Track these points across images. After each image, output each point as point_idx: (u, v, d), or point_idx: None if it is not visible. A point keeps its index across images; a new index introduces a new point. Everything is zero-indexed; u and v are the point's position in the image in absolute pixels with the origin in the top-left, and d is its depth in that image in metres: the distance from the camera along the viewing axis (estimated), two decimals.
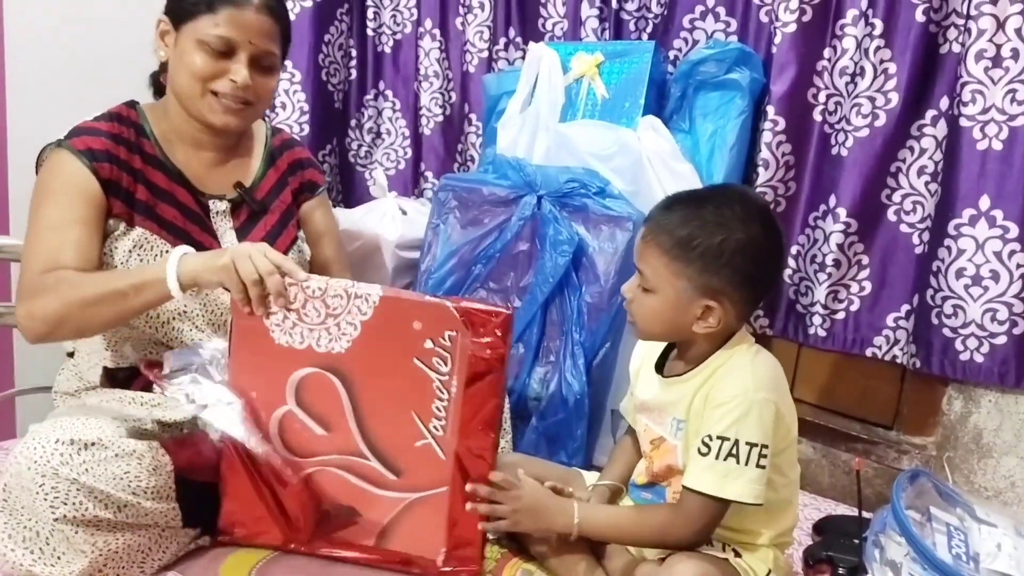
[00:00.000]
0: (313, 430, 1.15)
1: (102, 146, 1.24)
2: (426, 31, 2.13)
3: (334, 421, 1.15)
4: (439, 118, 2.16)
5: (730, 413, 1.07)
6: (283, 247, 1.38)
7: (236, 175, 1.37)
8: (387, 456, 1.16)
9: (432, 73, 2.13)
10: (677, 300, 1.09)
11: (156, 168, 1.30)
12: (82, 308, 1.13)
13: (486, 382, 1.12)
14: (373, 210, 1.92)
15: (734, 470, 1.06)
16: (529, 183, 1.71)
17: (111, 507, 1.06)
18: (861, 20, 1.59)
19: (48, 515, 1.03)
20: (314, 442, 1.16)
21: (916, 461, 1.67)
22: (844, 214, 1.64)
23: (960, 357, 1.55)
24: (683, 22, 1.81)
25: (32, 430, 1.10)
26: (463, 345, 1.11)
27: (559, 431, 1.62)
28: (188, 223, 1.30)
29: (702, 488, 1.07)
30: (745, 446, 1.06)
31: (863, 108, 1.60)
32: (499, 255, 1.72)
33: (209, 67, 1.24)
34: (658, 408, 1.18)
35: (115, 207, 1.24)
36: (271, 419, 1.15)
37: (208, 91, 1.26)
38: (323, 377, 1.13)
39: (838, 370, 1.80)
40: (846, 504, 1.67)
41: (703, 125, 1.71)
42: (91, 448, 1.06)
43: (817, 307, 1.71)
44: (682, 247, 1.08)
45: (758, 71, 1.70)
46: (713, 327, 1.10)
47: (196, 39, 1.24)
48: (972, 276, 1.51)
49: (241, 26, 1.24)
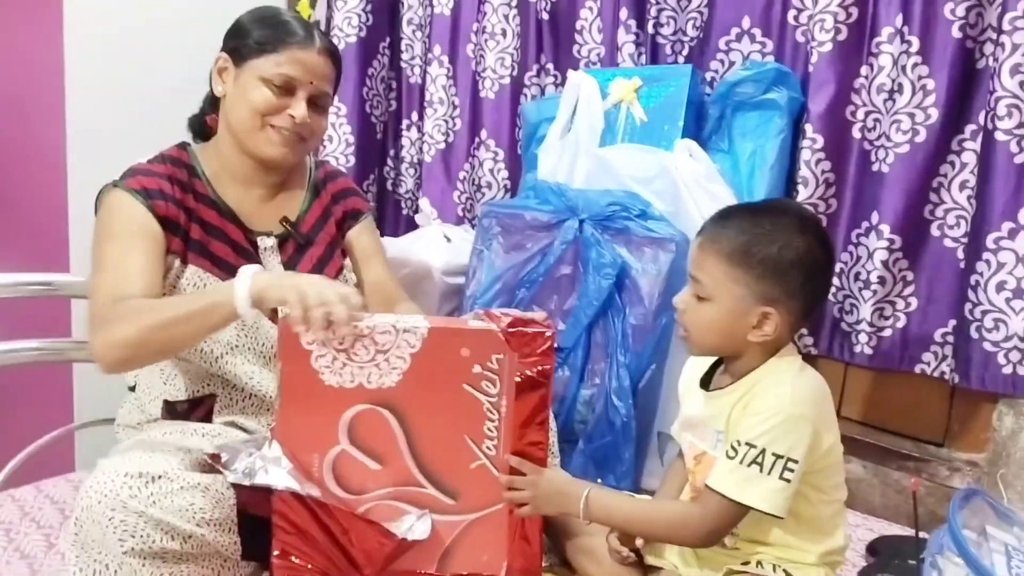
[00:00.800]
0: (368, 466, 1.16)
1: (157, 185, 1.28)
2: (435, 57, 2.16)
3: (388, 454, 1.16)
4: (440, 145, 2.18)
5: (763, 423, 1.07)
6: (330, 276, 1.41)
7: (283, 210, 1.41)
8: (443, 482, 1.17)
9: (437, 100, 2.16)
10: (734, 308, 1.10)
11: (208, 206, 1.34)
12: (159, 331, 1.14)
13: (534, 398, 1.15)
14: (419, 238, 1.96)
15: (755, 477, 1.06)
16: (571, 207, 1.73)
17: (177, 538, 1.08)
18: (897, 37, 1.60)
19: (117, 548, 1.05)
20: (369, 478, 1.16)
21: (968, 478, 1.65)
22: (888, 230, 1.64)
23: (1003, 371, 1.54)
24: (719, 44, 1.83)
25: (100, 465, 1.13)
26: (510, 366, 1.14)
27: (606, 454, 1.63)
28: (239, 259, 1.34)
29: (721, 489, 1.08)
30: (771, 456, 1.06)
31: (903, 124, 1.60)
32: (542, 279, 1.74)
33: (270, 103, 1.29)
34: (701, 423, 1.18)
35: (173, 244, 1.28)
36: (325, 461, 1.15)
37: (267, 124, 1.31)
38: (375, 413, 1.15)
39: (886, 387, 1.78)
40: (899, 524, 1.65)
41: (742, 145, 1.73)
42: (158, 481, 1.08)
43: (863, 325, 1.70)
44: (742, 254, 1.09)
45: (796, 90, 1.71)
46: (769, 336, 1.10)
47: (259, 76, 1.29)
48: (1013, 289, 1.50)
49: (303, 66, 1.30)
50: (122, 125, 1.89)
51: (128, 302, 1.18)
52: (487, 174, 2.16)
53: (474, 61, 2.14)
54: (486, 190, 2.17)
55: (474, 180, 2.18)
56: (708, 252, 1.11)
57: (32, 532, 1.38)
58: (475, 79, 2.14)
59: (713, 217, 1.16)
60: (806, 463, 1.08)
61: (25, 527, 1.39)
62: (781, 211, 1.13)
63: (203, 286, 1.29)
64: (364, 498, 1.16)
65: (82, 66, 1.87)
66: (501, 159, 2.13)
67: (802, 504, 1.12)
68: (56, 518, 1.42)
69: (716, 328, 1.12)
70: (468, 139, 2.17)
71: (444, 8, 2.15)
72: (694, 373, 1.24)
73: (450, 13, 2.15)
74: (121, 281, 1.21)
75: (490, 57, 2.10)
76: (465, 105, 2.16)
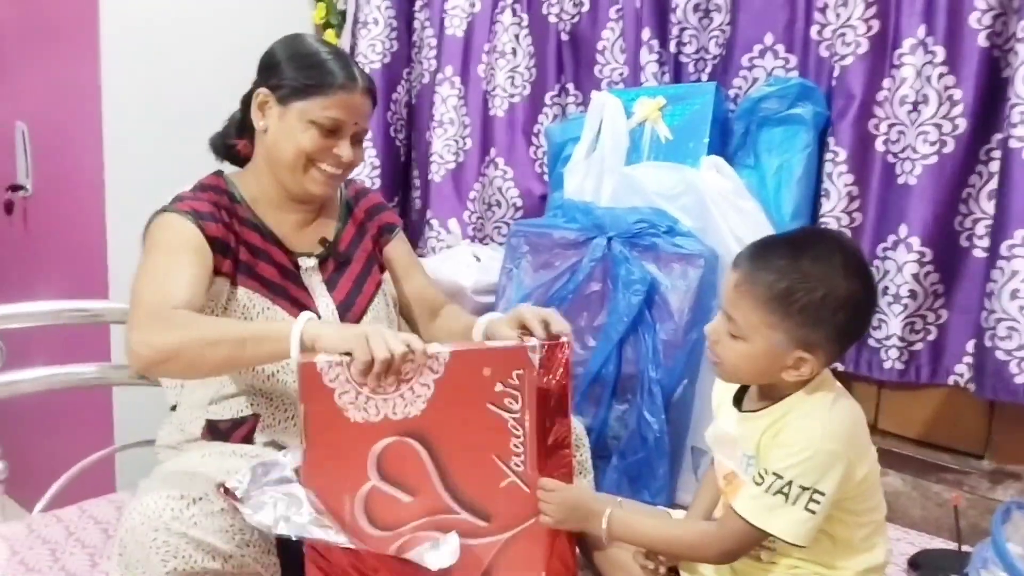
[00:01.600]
0: (399, 499, 1.15)
1: (207, 208, 1.32)
2: (445, 78, 2.17)
3: (419, 485, 1.15)
4: (451, 165, 2.19)
5: (791, 456, 1.06)
6: (370, 291, 1.46)
7: (320, 232, 1.45)
8: (475, 505, 1.17)
9: (448, 120, 2.18)
10: (769, 351, 1.08)
11: (251, 229, 1.37)
12: (200, 346, 1.13)
13: (554, 408, 1.18)
14: (449, 258, 1.98)
15: (780, 507, 1.05)
16: (598, 225, 1.74)
17: (218, 559, 1.09)
18: (920, 48, 1.59)
19: (160, 569, 1.06)
20: (402, 511, 1.15)
21: (1012, 491, 1.63)
22: (918, 243, 1.63)
23: (1015, 380, 1.51)
24: (741, 61, 1.84)
25: (142, 487, 1.15)
26: (530, 380, 1.16)
27: (640, 470, 1.63)
28: (285, 280, 1.37)
29: (744, 514, 1.08)
30: (797, 488, 1.05)
31: (930, 136, 1.60)
32: (572, 296, 1.75)
33: (318, 145, 1.33)
34: (730, 442, 1.18)
35: (223, 265, 1.31)
36: (356, 500, 1.14)
37: (312, 165, 1.34)
38: (403, 444, 1.14)
39: (923, 399, 1.76)
40: (940, 537, 1.63)
41: (768, 160, 1.73)
42: (199, 503, 1.10)
43: (893, 340, 1.67)
44: (780, 300, 1.05)
45: (821, 105, 1.71)
46: (804, 376, 1.09)
47: (307, 119, 1.32)
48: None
49: (350, 109, 1.33)
50: (160, 153, 1.94)
51: (178, 311, 1.17)
52: (496, 192, 2.16)
53: (485, 80, 2.15)
54: (496, 209, 2.16)
55: (484, 199, 2.18)
56: (745, 295, 1.07)
57: (77, 552, 1.40)
58: (485, 98, 2.15)
59: (750, 251, 1.11)
60: (837, 494, 1.07)
61: (70, 547, 1.42)
62: (825, 251, 1.07)
63: (252, 307, 1.32)
64: (398, 532, 1.15)
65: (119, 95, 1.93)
66: (510, 177, 2.14)
67: (836, 527, 1.11)
68: (100, 538, 1.45)
69: (749, 366, 1.11)
70: (479, 159, 2.17)
71: (457, 30, 2.17)
72: (728, 387, 1.23)
73: (463, 35, 2.17)
74: (167, 288, 1.20)
75: (500, 75, 2.11)
76: (476, 125, 2.17)
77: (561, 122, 2.08)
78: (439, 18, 2.19)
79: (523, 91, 2.12)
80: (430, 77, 2.23)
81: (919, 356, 1.68)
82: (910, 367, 1.69)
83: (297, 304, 1.36)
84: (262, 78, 1.37)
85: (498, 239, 2.15)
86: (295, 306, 1.36)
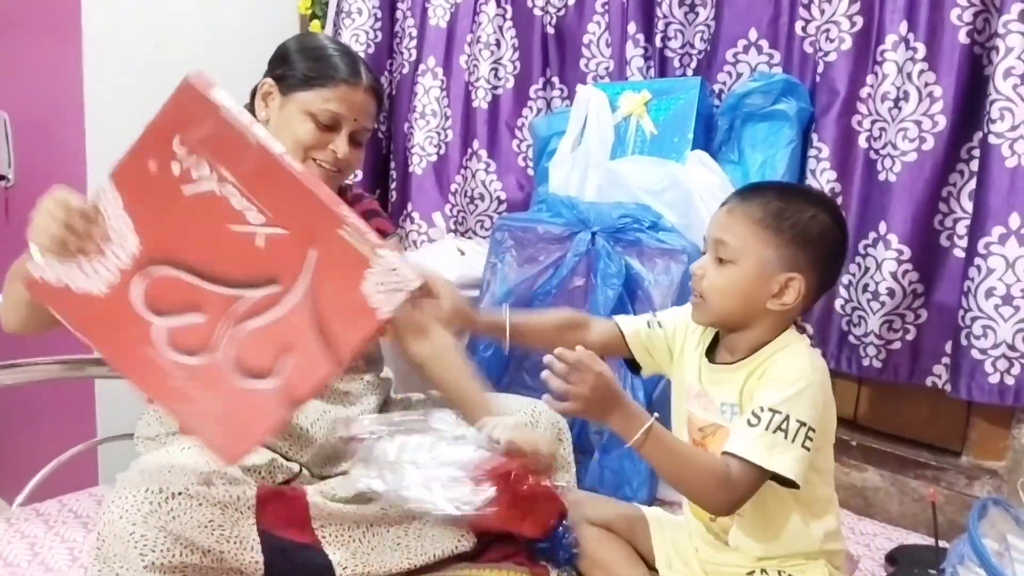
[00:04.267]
0: (192, 322, 1.06)
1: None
2: (428, 68, 2.16)
3: (196, 297, 1.06)
4: (432, 157, 2.18)
5: (786, 388, 1.07)
6: None
7: None
8: (254, 279, 1.05)
9: (429, 111, 2.16)
10: (759, 271, 1.11)
11: None
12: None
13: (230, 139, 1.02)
14: (434, 252, 1.98)
15: (781, 444, 1.05)
16: (583, 220, 1.75)
17: (197, 552, 1.09)
18: (901, 44, 1.59)
19: (138, 562, 1.06)
20: (202, 330, 1.06)
21: (988, 487, 1.64)
22: (896, 241, 1.63)
23: (989, 379, 1.51)
24: (726, 56, 1.84)
25: (121, 480, 1.15)
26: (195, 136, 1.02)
27: (622, 465, 1.63)
28: None
29: (747, 455, 1.06)
30: (795, 423, 1.06)
31: (910, 132, 1.60)
32: (555, 291, 1.75)
33: (314, 138, 1.32)
34: (703, 394, 1.18)
35: None
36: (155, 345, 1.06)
37: (308, 157, 1.33)
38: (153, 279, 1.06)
39: (902, 396, 1.77)
40: (917, 533, 1.64)
41: (752, 155, 1.74)
42: (177, 497, 1.10)
43: (871, 337, 1.68)
44: (774, 216, 1.11)
45: (805, 101, 1.71)
46: (788, 305, 1.12)
47: (306, 110, 1.31)
48: (1003, 296, 1.48)
49: (350, 104, 1.32)
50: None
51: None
52: (479, 185, 2.15)
53: (467, 72, 2.14)
54: (479, 202, 2.15)
55: (467, 192, 2.17)
56: (737, 215, 1.13)
57: (56, 546, 1.39)
58: (468, 90, 2.14)
59: (741, 189, 1.20)
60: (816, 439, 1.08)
61: (49, 541, 1.41)
62: (807, 189, 1.31)
63: None
64: (215, 347, 1.06)
65: (102, 85, 1.91)
66: (494, 171, 2.13)
67: (807, 487, 1.11)
68: (80, 532, 1.44)
69: (736, 292, 1.13)
70: (461, 151, 2.16)
71: (440, 20, 2.15)
72: (688, 332, 1.24)
73: (446, 26, 2.15)
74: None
75: (483, 67, 2.10)
76: (457, 117, 2.15)
77: (546, 116, 2.07)
78: (421, 7, 2.18)
79: (507, 84, 2.12)
80: (411, 68, 2.21)
81: (897, 355, 1.68)
82: (888, 366, 1.69)
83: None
84: (270, 69, 1.38)
85: (481, 233, 2.15)
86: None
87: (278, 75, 1.35)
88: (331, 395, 1.40)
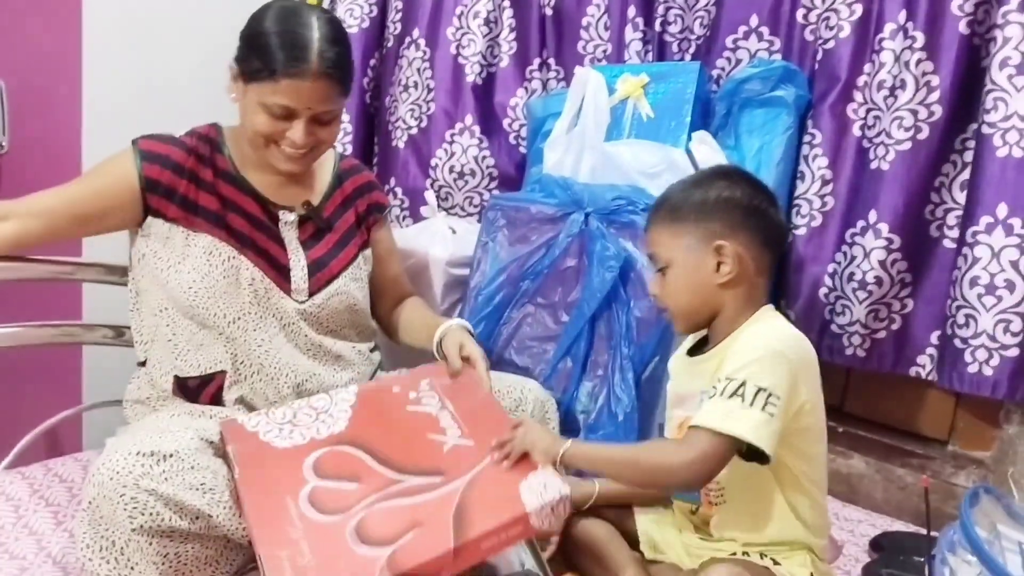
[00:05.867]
0: (345, 489, 1.13)
1: (164, 151, 1.34)
2: (412, 40, 2.13)
3: (362, 473, 1.15)
4: (413, 131, 2.14)
5: (742, 358, 1.07)
6: (345, 260, 1.46)
7: (305, 194, 1.45)
8: (423, 469, 1.16)
9: (412, 83, 2.13)
10: (688, 258, 1.16)
11: (228, 182, 1.38)
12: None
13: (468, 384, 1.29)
14: (424, 229, 1.96)
15: (737, 408, 1.04)
16: (576, 201, 1.74)
17: (186, 517, 1.09)
18: (900, 33, 1.59)
19: (127, 525, 1.06)
20: (350, 496, 1.13)
21: (974, 476, 1.65)
22: (886, 230, 1.63)
23: (968, 369, 1.51)
24: (726, 42, 1.84)
25: (111, 443, 1.14)
26: (441, 382, 1.31)
27: None
28: (255, 232, 1.38)
29: (705, 423, 1.05)
30: (752, 387, 1.04)
31: (905, 121, 1.60)
32: (547, 271, 1.75)
33: (270, 127, 1.31)
34: (690, 395, 1.19)
35: (167, 209, 1.33)
36: (299, 498, 1.12)
37: (271, 143, 1.34)
38: (335, 452, 1.18)
39: (890, 384, 1.78)
40: (902, 520, 1.65)
41: (749, 142, 1.73)
42: (169, 460, 1.10)
43: (856, 327, 1.68)
44: (675, 211, 1.19)
45: (803, 88, 1.71)
46: (733, 271, 1.14)
47: (259, 101, 1.30)
48: (986, 285, 1.49)
49: (299, 96, 1.29)
50: (139, 117, 1.88)
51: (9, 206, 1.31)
52: (471, 161, 2.10)
53: (455, 44, 2.09)
54: (469, 178, 2.11)
55: (453, 167, 2.12)
56: (652, 228, 1.22)
57: (41, 509, 1.39)
58: (456, 62, 2.09)
59: (651, 205, 1.26)
60: (790, 408, 1.07)
61: (34, 504, 1.40)
62: (705, 171, 1.29)
63: (217, 254, 1.34)
64: (350, 512, 1.10)
65: (100, 57, 1.89)
66: (486, 146, 2.10)
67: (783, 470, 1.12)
68: (64, 496, 1.44)
69: (685, 287, 1.18)
70: (445, 124, 2.11)
71: None
72: (680, 352, 1.27)
73: None
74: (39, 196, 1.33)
75: (479, 43, 2.07)
76: (441, 89, 2.10)
77: (542, 96, 2.06)
78: None
79: (501, 62, 2.09)
80: (395, 41, 2.16)
81: (882, 344, 1.68)
82: (872, 355, 1.69)
83: (264, 256, 1.37)
84: (237, 50, 1.35)
85: (469, 209, 2.12)
86: (261, 257, 1.37)
87: (238, 60, 1.33)
88: (324, 356, 1.41)
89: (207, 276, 1.32)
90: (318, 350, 1.41)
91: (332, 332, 1.44)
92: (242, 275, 1.34)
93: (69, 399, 1.75)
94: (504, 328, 1.76)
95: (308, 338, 1.40)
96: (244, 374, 1.35)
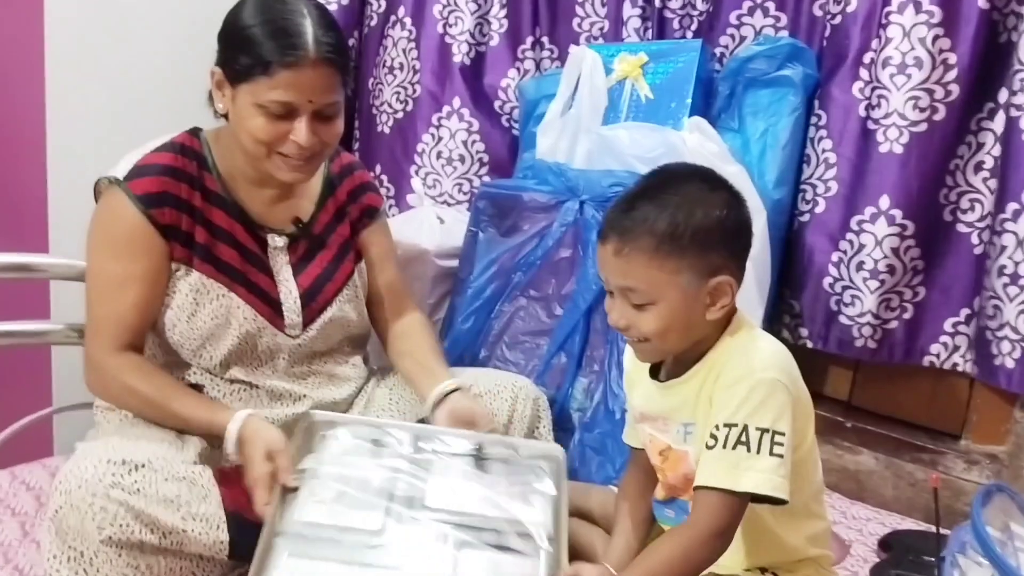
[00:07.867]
0: None
1: (160, 187, 1.22)
2: (397, 19, 2.03)
3: None
4: (399, 115, 2.05)
5: (734, 397, 0.98)
6: (340, 282, 1.37)
7: (295, 210, 1.34)
8: None
9: (397, 65, 2.04)
10: (683, 296, 1.01)
11: (217, 206, 1.27)
12: (139, 404, 1.23)
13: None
14: (411, 219, 1.90)
15: (745, 459, 0.96)
16: (571, 188, 1.68)
17: (157, 532, 1.05)
18: (910, 7, 1.52)
19: (95, 536, 1.02)
20: None
21: (987, 472, 1.62)
22: (900, 216, 1.57)
23: (994, 361, 1.48)
24: (730, 18, 1.77)
25: (80, 449, 1.11)
26: None
27: (604, 443, 1.57)
28: (245, 264, 1.28)
29: (713, 483, 0.98)
30: (755, 431, 0.96)
31: (921, 101, 1.53)
32: (540, 262, 1.69)
33: (271, 131, 1.19)
34: (661, 416, 1.10)
35: (175, 251, 1.24)
36: None
37: (273, 152, 1.21)
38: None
39: (900, 376, 1.74)
40: (912, 518, 1.62)
41: (754, 124, 1.68)
42: (141, 470, 1.06)
43: (867, 317, 1.62)
44: (669, 239, 0.99)
45: (811, 67, 1.66)
46: (728, 304, 1.02)
47: (254, 102, 1.18)
48: (1011, 275, 1.45)
49: (299, 88, 1.17)
50: (103, 105, 1.83)
51: (131, 358, 1.23)
52: (460, 147, 2.01)
53: (442, 22, 2.00)
54: (458, 164, 2.02)
55: (440, 153, 2.03)
56: (630, 257, 1.00)
57: (7, 519, 1.36)
58: (443, 42, 2.00)
59: (612, 217, 1.04)
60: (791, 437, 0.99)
61: (0, 514, 1.37)
62: (679, 179, 1.04)
63: (206, 292, 1.25)
64: None
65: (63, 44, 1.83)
66: (476, 130, 2.00)
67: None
68: (32, 505, 1.40)
69: (674, 326, 1.02)
70: (432, 107, 2.01)
71: None
72: (638, 363, 1.14)
73: None
74: (120, 313, 1.22)
75: (467, 21, 1.97)
76: (427, 70, 2.01)
77: (535, 78, 1.99)
78: None
79: (491, 41, 2.00)
80: (379, 20, 2.08)
81: (893, 334, 1.64)
82: (883, 346, 1.64)
83: (256, 291, 1.28)
84: (218, 53, 1.23)
85: (458, 196, 2.04)
86: (253, 293, 1.28)
87: (223, 63, 1.21)
88: (315, 378, 1.35)
89: (193, 316, 1.24)
90: (307, 373, 1.35)
91: (324, 354, 1.37)
92: (233, 315, 1.26)
93: (38, 402, 1.70)
94: (495, 322, 1.71)
95: (297, 369, 1.33)
96: (222, 390, 1.29)
